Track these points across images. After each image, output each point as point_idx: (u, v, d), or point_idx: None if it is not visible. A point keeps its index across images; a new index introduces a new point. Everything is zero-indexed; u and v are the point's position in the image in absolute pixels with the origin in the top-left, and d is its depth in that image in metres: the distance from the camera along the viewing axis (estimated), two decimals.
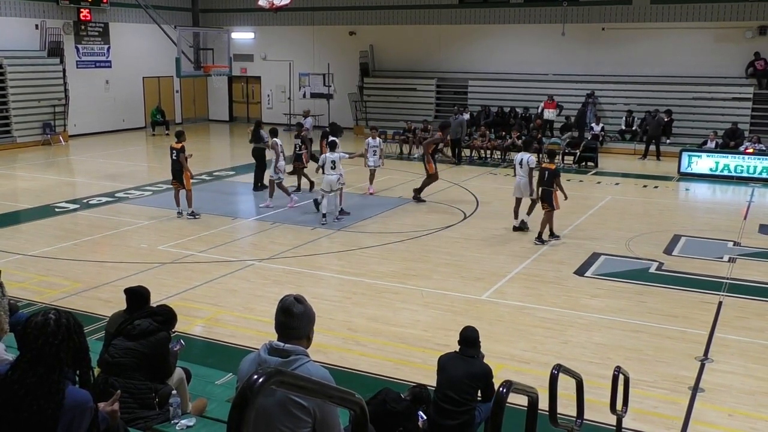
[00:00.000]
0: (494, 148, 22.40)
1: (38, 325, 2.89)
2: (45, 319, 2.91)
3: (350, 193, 17.13)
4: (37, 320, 2.91)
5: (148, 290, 5.73)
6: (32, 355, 2.85)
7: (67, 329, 2.91)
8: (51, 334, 2.86)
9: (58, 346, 2.86)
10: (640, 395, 6.97)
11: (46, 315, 2.94)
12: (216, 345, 8.32)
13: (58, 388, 2.82)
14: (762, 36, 23.49)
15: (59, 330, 2.89)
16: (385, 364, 7.78)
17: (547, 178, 12.55)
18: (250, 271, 11.09)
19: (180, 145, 13.90)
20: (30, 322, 2.92)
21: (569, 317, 9.19)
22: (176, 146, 13.94)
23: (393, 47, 29.22)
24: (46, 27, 25.64)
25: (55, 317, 2.92)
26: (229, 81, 31.28)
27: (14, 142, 24.27)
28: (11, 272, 10.46)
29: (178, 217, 14.30)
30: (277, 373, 2.18)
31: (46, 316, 2.92)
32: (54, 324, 2.89)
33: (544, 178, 12.59)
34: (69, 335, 2.91)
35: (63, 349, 2.88)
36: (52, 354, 2.85)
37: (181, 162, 13.84)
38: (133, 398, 4.92)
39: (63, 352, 2.88)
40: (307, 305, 3.32)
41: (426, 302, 9.71)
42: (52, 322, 2.89)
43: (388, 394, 5.53)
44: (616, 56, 25.37)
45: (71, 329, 2.93)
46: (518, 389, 3.82)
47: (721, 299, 9.88)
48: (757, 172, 19.21)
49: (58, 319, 2.91)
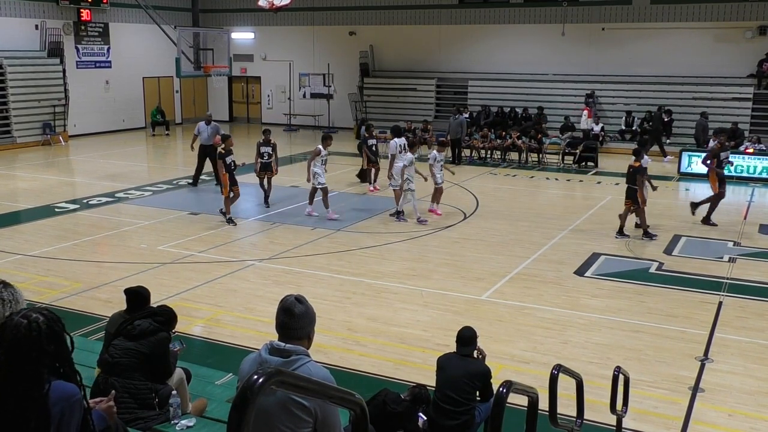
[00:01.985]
0: (494, 148, 22.41)
1: (11, 327, 2.75)
2: (17, 323, 2.75)
3: (350, 193, 17.15)
4: (13, 322, 2.76)
5: (149, 290, 5.73)
6: (7, 355, 2.74)
7: (38, 337, 2.73)
8: (24, 339, 2.72)
9: (28, 352, 2.72)
10: (640, 395, 6.97)
11: (26, 317, 2.77)
12: (216, 345, 8.32)
13: (41, 383, 2.72)
14: (762, 36, 23.49)
15: (30, 336, 2.72)
16: (385, 364, 7.78)
17: (630, 176, 12.87)
18: (250, 271, 11.09)
19: (222, 149, 13.70)
20: (8, 321, 2.80)
21: (569, 317, 9.19)
22: (220, 150, 13.74)
23: (393, 47, 29.23)
24: (46, 27, 25.64)
25: (27, 323, 2.74)
26: (229, 81, 31.29)
27: (14, 143, 24.28)
28: (11, 272, 10.46)
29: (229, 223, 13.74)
30: (278, 373, 2.19)
31: (21, 321, 2.75)
32: (24, 329, 2.73)
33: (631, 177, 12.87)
34: (39, 344, 2.73)
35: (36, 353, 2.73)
36: (29, 357, 2.72)
37: (221, 165, 13.54)
38: (133, 398, 4.93)
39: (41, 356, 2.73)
40: (308, 305, 3.32)
41: (426, 302, 9.71)
42: (23, 327, 2.73)
43: (387, 396, 5.54)
44: (616, 56, 25.38)
45: (45, 337, 2.75)
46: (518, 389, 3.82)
47: (721, 299, 9.88)
48: (757, 172, 19.22)
49: (29, 325, 2.74)
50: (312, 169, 13.97)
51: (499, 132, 23.02)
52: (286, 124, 30.73)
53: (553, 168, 21.15)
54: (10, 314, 2.90)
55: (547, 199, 17.29)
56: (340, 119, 30.08)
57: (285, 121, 30.86)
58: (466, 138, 22.53)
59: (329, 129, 29.63)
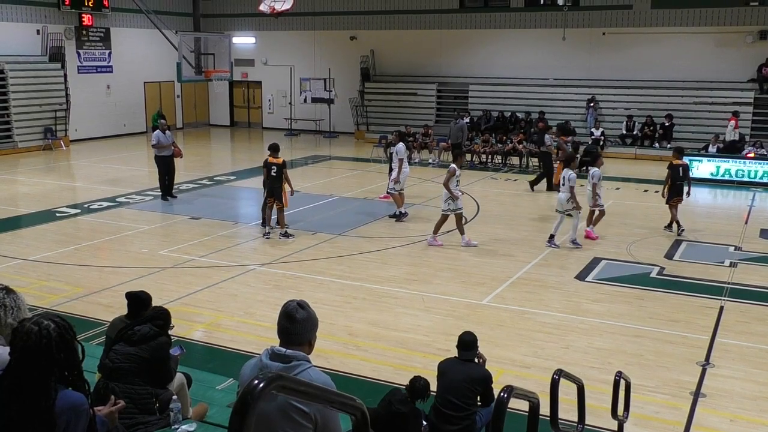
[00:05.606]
0: (495, 153, 22.41)
1: (22, 334, 2.76)
2: (29, 329, 2.76)
3: (350, 198, 17.15)
4: (24, 329, 2.77)
5: (150, 295, 5.73)
6: (17, 362, 2.76)
7: (48, 345, 2.74)
8: (33, 347, 2.73)
9: (38, 359, 2.73)
10: (641, 400, 6.95)
11: (38, 324, 2.78)
12: (217, 350, 8.31)
13: (48, 392, 2.74)
14: (762, 40, 23.52)
15: (41, 343, 2.73)
16: (386, 369, 7.76)
17: (682, 174, 13.65)
18: (251, 276, 11.09)
19: (281, 160, 13.04)
20: (19, 327, 2.81)
21: (570, 322, 9.18)
22: (276, 161, 12.98)
23: (394, 52, 29.27)
24: (47, 32, 25.69)
25: (37, 330, 2.75)
26: (230, 86, 31.32)
27: (15, 147, 24.30)
28: (12, 277, 10.46)
29: (266, 237, 13.13)
30: (278, 378, 2.18)
31: (32, 327, 2.77)
32: (35, 337, 2.74)
33: (679, 174, 13.60)
34: (49, 352, 2.74)
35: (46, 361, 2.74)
36: (38, 364, 2.73)
37: (285, 178, 13.01)
38: (134, 403, 4.92)
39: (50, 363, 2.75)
40: (310, 311, 3.31)
41: (427, 307, 9.70)
42: (33, 335, 2.74)
43: (394, 395, 5.56)
44: (617, 61, 25.42)
45: (55, 345, 2.76)
46: (519, 394, 3.82)
47: (722, 304, 9.87)
48: (758, 176, 19.21)
49: (40, 332, 2.75)
50: (454, 192, 12.42)
51: (500, 136, 23.04)
52: (287, 129, 30.76)
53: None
54: (22, 320, 2.89)
55: (547, 204, 17.26)
56: (341, 124, 30.11)
57: (286, 125, 30.90)
58: (467, 143, 22.55)
59: (330, 134, 29.71)
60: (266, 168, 13.10)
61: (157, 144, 16.15)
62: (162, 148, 16.15)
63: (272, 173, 12.91)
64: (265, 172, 13.17)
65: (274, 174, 12.89)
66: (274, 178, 12.89)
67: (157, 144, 16.16)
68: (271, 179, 12.93)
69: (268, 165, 13.05)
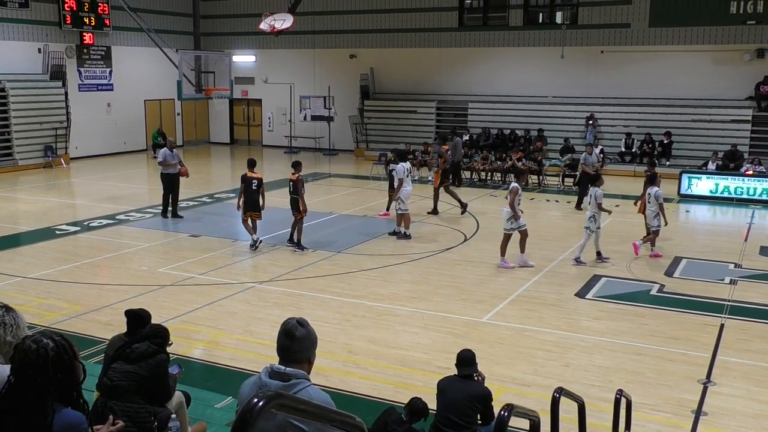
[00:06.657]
0: (494, 170, 22.44)
1: (20, 351, 2.76)
2: (27, 347, 2.76)
3: (350, 216, 17.16)
4: (23, 346, 2.77)
5: (149, 313, 5.71)
6: (17, 379, 2.76)
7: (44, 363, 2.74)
8: (30, 365, 2.73)
9: (34, 377, 2.73)
10: (642, 419, 6.92)
11: (37, 342, 2.77)
12: (216, 368, 8.28)
13: (46, 411, 2.74)
14: (760, 59, 23.64)
15: (37, 361, 2.73)
16: (385, 387, 7.73)
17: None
18: (251, 294, 11.07)
19: (297, 176, 13.33)
20: (19, 344, 2.81)
21: (570, 340, 9.15)
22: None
23: (393, 70, 29.41)
24: (48, 51, 25.83)
25: (35, 348, 2.75)
26: (231, 104, 31.44)
27: (16, 165, 24.36)
28: (11, 295, 10.44)
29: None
30: (277, 396, 2.18)
31: (30, 345, 2.76)
32: (32, 355, 2.74)
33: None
34: (45, 370, 2.74)
35: (42, 380, 2.74)
36: (34, 382, 2.73)
37: (300, 194, 13.27)
38: (133, 422, 4.88)
39: (46, 383, 2.75)
40: (309, 329, 3.30)
41: (426, 325, 9.68)
42: (31, 353, 2.74)
43: (390, 415, 5.53)
44: (615, 79, 25.53)
45: (51, 365, 2.75)
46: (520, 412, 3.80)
47: (722, 321, 9.85)
48: (757, 193, 19.25)
49: (37, 350, 2.75)
50: (517, 210, 12.46)
51: (500, 154, 23.07)
52: (287, 147, 30.84)
53: (554, 190, 21.18)
54: (24, 338, 2.89)
55: (547, 221, 17.28)
56: (340, 141, 30.19)
57: (286, 143, 30.97)
58: (465, 160, 22.58)
59: (330, 151, 29.77)
60: (245, 183, 13.58)
61: (163, 161, 16.27)
62: (168, 165, 16.27)
63: (253, 186, 13.51)
64: (243, 187, 13.63)
65: (255, 188, 13.50)
66: (254, 191, 13.51)
67: (163, 161, 16.28)
68: (250, 192, 13.52)
69: (247, 179, 13.55)
